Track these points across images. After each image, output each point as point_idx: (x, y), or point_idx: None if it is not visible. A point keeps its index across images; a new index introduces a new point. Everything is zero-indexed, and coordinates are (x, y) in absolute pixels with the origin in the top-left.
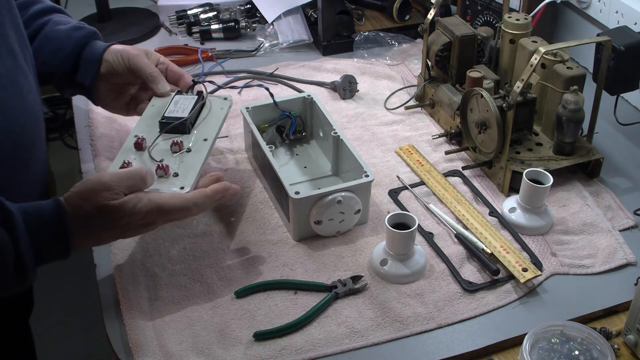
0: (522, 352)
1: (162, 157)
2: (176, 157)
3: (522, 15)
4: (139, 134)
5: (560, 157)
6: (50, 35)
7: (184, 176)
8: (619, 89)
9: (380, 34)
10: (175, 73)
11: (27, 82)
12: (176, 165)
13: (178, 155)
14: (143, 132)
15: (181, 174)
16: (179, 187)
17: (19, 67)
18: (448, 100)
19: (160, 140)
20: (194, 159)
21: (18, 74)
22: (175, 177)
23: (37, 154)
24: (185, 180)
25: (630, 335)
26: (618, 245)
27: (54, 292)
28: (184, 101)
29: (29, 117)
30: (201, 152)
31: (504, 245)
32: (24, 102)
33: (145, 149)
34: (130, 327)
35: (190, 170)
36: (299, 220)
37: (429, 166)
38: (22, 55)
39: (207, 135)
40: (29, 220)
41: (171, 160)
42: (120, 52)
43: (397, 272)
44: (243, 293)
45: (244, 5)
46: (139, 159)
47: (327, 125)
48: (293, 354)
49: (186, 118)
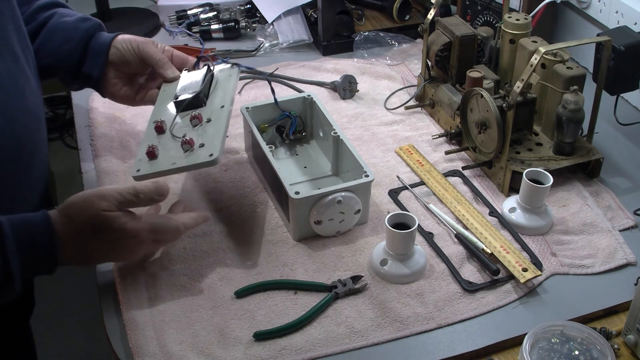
0: (522, 352)
1: (184, 133)
2: (198, 130)
3: (522, 15)
4: (157, 118)
5: (560, 157)
6: (57, 28)
7: (210, 144)
8: (619, 89)
9: (380, 34)
10: (180, 58)
11: (28, 84)
12: (200, 137)
13: (199, 127)
14: (160, 117)
15: (207, 144)
16: (208, 154)
17: (21, 68)
18: (448, 100)
19: (179, 119)
20: (216, 126)
21: (20, 75)
22: (201, 147)
23: (39, 155)
24: (212, 148)
25: (630, 335)
26: (618, 245)
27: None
28: (192, 77)
29: (31, 118)
30: (221, 119)
31: (504, 245)
32: (26, 103)
33: (166, 130)
34: (130, 327)
35: (214, 139)
36: (299, 220)
37: (429, 166)
38: (23, 57)
39: (223, 102)
40: (17, 229)
41: (194, 134)
42: (129, 40)
43: (397, 272)
44: (243, 293)
45: (244, 5)
46: (162, 141)
47: (327, 125)
48: (293, 354)
49: (199, 91)
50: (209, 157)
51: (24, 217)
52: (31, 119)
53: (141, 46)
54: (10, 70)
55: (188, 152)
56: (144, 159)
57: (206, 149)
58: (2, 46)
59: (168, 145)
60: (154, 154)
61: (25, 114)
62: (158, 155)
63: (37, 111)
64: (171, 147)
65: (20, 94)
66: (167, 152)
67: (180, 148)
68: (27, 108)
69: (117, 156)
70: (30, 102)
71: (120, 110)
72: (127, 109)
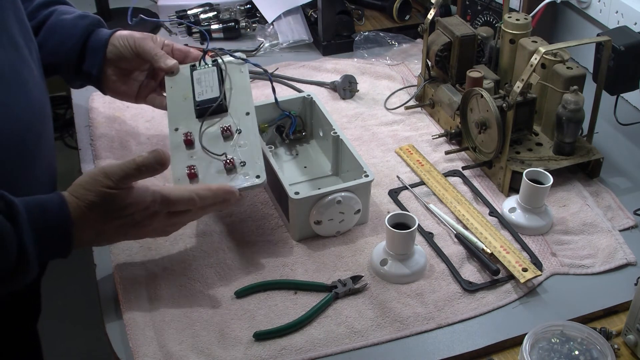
0: (522, 352)
1: (218, 148)
2: (232, 144)
3: (522, 15)
4: (178, 126)
5: (560, 157)
6: (56, 26)
7: (251, 163)
8: (619, 89)
9: (380, 34)
10: (181, 51)
11: (32, 76)
12: (237, 153)
13: (232, 141)
14: (181, 123)
15: (248, 162)
16: (254, 176)
17: (24, 60)
18: (448, 100)
19: (206, 128)
20: (250, 139)
21: (23, 67)
22: (243, 166)
23: (43, 149)
24: (257, 168)
25: (630, 335)
26: (618, 245)
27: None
28: (206, 77)
29: (34, 110)
30: (252, 129)
31: (504, 245)
32: (29, 96)
33: (195, 142)
34: (130, 327)
35: (253, 154)
36: (299, 220)
37: (429, 166)
38: (26, 49)
39: (247, 108)
40: (31, 210)
41: (229, 149)
42: (126, 36)
43: (397, 272)
44: (243, 293)
45: (244, 5)
46: (196, 157)
47: (327, 125)
48: (293, 354)
49: (220, 97)
50: (256, 180)
51: (37, 198)
52: (34, 111)
53: (137, 42)
54: (11, 59)
55: (231, 173)
56: (183, 179)
57: (249, 169)
58: (3, 37)
59: (204, 163)
60: (195, 176)
61: (28, 106)
62: (199, 177)
63: (41, 104)
64: (209, 165)
65: (23, 84)
66: (208, 172)
67: (223, 168)
68: (29, 99)
69: (117, 156)
70: (33, 94)
71: (120, 110)
72: (127, 109)
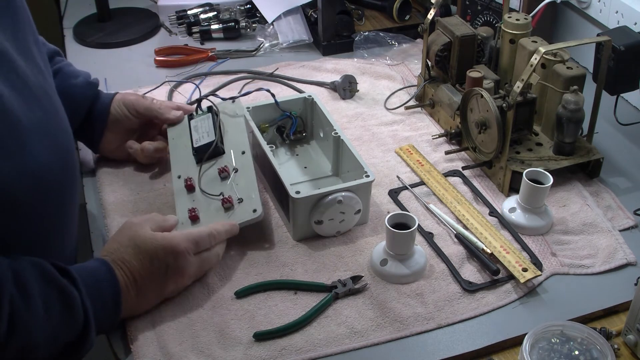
0: (522, 352)
1: (216, 189)
2: (229, 183)
3: (522, 15)
4: (180, 173)
5: (560, 157)
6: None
7: (248, 199)
8: (619, 89)
9: (380, 34)
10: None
11: (57, 98)
12: (234, 190)
13: (230, 180)
14: (182, 170)
15: (245, 198)
16: (251, 210)
17: (49, 84)
18: (448, 100)
19: (204, 172)
20: (247, 177)
21: (49, 89)
22: (240, 203)
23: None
24: (253, 203)
25: (630, 335)
26: (618, 245)
27: None
28: (202, 124)
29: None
30: (248, 167)
31: (504, 245)
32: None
33: (196, 187)
34: (130, 327)
35: (251, 191)
36: (299, 220)
37: (429, 166)
38: (47, 73)
39: (243, 147)
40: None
41: (227, 189)
42: (120, 101)
43: (397, 272)
44: (243, 293)
45: (244, 5)
46: (197, 201)
47: (328, 126)
48: (293, 354)
49: (215, 140)
50: (253, 214)
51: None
52: (68, 135)
53: (137, 104)
54: (41, 84)
55: (229, 210)
56: (186, 222)
57: (247, 204)
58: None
59: (205, 205)
60: (196, 217)
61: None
62: (200, 218)
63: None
64: (209, 206)
65: (55, 109)
66: (208, 213)
67: (221, 207)
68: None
69: (117, 162)
70: (62, 116)
71: None
72: None
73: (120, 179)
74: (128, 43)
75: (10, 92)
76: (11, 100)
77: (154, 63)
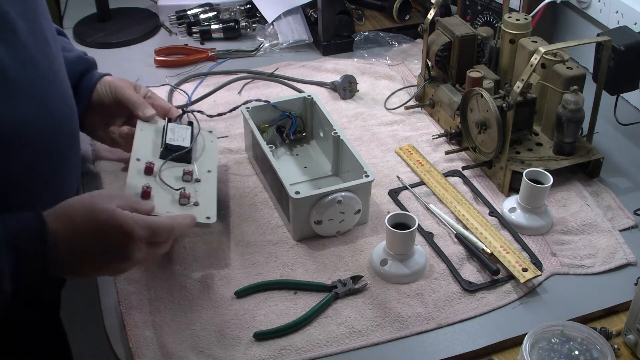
0: (522, 352)
1: (177, 185)
2: (190, 186)
3: (522, 15)
4: (141, 157)
5: (560, 157)
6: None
7: (205, 206)
8: (619, 89)
9: (380, 34)
10: (162, 107)
11: (62, 70)
12: (193, 194)
13: (191, 185)
14: (144, 157)
15: (201, 203)
16: (205, 216)
17: (54, 54)
18: (448, 100)
19: (166, 167)
20: (206, 188)
21: (54, 62)
22: (196, 205)
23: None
24: (209, 211)
25: (630, 335)
26: (618, 245)
27: None
28: (180, 130)
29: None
30: (210, 182)
31: (504, 245)
32: (61, 88)
33: (155, 174)
34: (130, 327)
35: (209, 201)
36: (299, 220)
37: (429, 166)
38: (54, 45)
39: (210, 167)
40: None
41: (187, 188)
42: (108, 83)
43: (397, 272)
44: (243, 293)
45: (244, 5)
46: (153, 185)
47: (328, 125)
48: (293, 354)
49: (190, 148)
50: (206, 220)
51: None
52: (66, 106)
53: (119, 90)
54: (46, 55)
55: (185, 206)
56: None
57: (202, 209)
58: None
59: (161, 191)
60: (149, 194)
61: (61, 99)
62: (153, 199)
63: (71, 100)
64: (165, 194)
65: (54, 77)
66: (162, 198)
67: (176, 200)
68: (62, 93)
69: (116, 155)
70: (64, 87)
71: None
72: None
73: (120, 179)
74: (128, 43)
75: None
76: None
77: (154, 63)
